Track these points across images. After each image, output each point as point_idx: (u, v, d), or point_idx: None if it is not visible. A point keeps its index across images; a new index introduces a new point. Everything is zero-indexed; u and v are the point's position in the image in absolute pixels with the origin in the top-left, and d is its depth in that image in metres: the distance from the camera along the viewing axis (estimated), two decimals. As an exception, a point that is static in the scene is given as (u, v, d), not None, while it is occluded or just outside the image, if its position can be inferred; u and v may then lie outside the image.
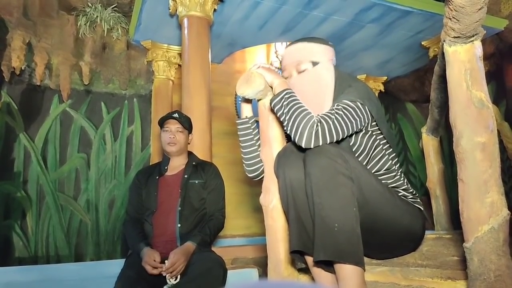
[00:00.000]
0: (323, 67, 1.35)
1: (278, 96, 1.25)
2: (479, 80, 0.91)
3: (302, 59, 1.36)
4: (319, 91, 1.33)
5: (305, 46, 1.38)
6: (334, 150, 1.12)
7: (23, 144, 3.46)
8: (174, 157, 2.09)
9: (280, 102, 1.24)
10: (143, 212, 1.99)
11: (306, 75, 1.36)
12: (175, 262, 1.72)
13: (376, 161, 1.31)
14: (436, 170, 2.41)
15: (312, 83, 1.34)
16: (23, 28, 3.44)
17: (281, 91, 1.26)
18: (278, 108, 1.25)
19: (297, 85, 1.35)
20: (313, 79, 1.35)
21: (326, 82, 1.34)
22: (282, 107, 1.23)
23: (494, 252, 0.86)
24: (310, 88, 1.34)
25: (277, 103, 1.25)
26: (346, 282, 1.03)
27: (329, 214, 1.05)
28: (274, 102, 1.26)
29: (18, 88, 3.49)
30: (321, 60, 1.36)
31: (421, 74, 4.91)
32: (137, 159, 3.92)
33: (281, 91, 1.26)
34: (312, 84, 1.34)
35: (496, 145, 0.89)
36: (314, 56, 1.36)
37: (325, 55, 1.38)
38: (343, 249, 1.02)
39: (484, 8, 0.83)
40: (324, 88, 1.33)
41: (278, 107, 1.24)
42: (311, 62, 1.36)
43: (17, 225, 3.32)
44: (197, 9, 3.02)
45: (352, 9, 3.44)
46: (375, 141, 1.31)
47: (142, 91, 4.07)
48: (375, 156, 1.31)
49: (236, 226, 3.97)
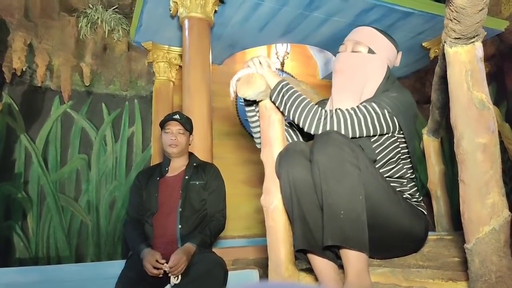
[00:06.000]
0: (377, 59, 1.36)
1: (276, 89, 1.28)
2: (480, 81, 0.91)
3: (362, 41, 1.37)
4: (359, 77, 1.35)
5: (371, 32, 1.40)
6: (342, 139, 1.13)
7: (24, 145, 3.46)
8: (175, 158, 2.09)
9: (279, 94, 1.27)
10: (143, 213, 1.99)
11: (356, 56, 1.37)
12: (178, 262, 1.72)
13: (391, 167, 1.32)
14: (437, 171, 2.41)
15: (358, 66, 1.36)
16: (24, 29, 3.44)
17: (277, 84, 1.28)
18: (279, 101, 1.27)
19: (343, 61, 1.38)
20: (360, 63, 1.36)
21: (371, 73, 1.35)
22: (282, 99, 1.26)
23: (495, 253, 0.85)
24: (354, 70, 1.36)
25: (276, 96, 1.27)
26: (350, 267, 1.06)
27: (335, 201, 1.07)
28: (273, 96, 1.29)
29: (19, 89, 3.50)
30: (378, 52, 1.37)
31: (422, 75, 4.91)
32: (137, 160, 3.92)
33: (277, 84, 1.28)
34: (357, 67, 1.36)
35: (497, 146, 0.89)
36: (373, 45, 1.37)
37: (385, 51, 1.38)
38: (348, 235, 1.04)
39: (485, 9, 0.83)
40: (365, 77, 1.34)
41: (279, 100, 1.27)
42: (368, 48, 1.36)
43: (17, 226, 3.32)
44: (198, 10, 3.02)
45: (353, 11, 3.45)
46: (396, 148, 1.32)
47: (143, 92, 4.07)
48: (391, 161, 1.32)
49: (237, 227, 3.97)
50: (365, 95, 1.35)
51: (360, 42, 1.38)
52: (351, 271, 1.06)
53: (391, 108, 1.25)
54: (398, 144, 1.32)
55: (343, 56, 1.40)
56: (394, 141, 1.32)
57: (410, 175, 1.36)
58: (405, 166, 1.34)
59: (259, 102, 1.40)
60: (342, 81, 1.38)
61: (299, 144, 1.27)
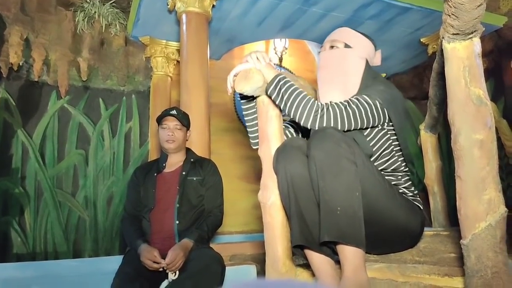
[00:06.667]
0: (353, 53, 1.42)
1: (273, 83, 1.28)
2: (477, 77, 0.90)
3: (338, 39, 1.46)
4: (340, 70, 1.41)
5: (346, 30, 1.49)
6: (339, 135, 1.14)
7: (21, 140, 3.45)
8: (172, 154, 2.09)
9: (276, 87, 1.27)
10: (141, 208, 1.99)
11: (334, 52, 1.44)
12: (175, 258, 1.72)
13: (385, 160, 1.33)
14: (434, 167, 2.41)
15: (338, 61, 1.42)
16: (21, 24, 3.42)
17: (274, 77, 1.29)
18: (275, 94, 1.27)
19: (324, 58, 1.46)
20: (339, 58, 1.43)
21: (350, 65, 1.40)
22: (279, 92, 1.26)
23: (491, 249, 0.86)
24: (334, 65, 1.42)
25: (273, 90, 1.28)
26: (347, 262, 1.07)
27: (332, 197, 1.08)
28: (270, 89, 1.29)
29: (16, 84, 3.48)
30: (354, 46, 1.43)
31: (420, 71, 4.91)
32: (135, 156, 3.91)
33: (274, 77, 1.29)
34: (337, 62, 1.42)
35: (494, 142, 0.89)
36: (349, 40, 1.44)
37: (361, 46, 1.45)
38: (345, 231, 1.05)
39: (483, 5, 0.82)
40: (345, 69, 1.40)
41: (276, 94, 1.27)
42: (344, 43, 1.44)
43: (15, 222, 3.32)
44: (195, 5, 3.01)
45: (351, 6, 3.44)
46: (388, 140, 1.34)
47: (140, 87, 4.05)
48: (384, 153, 1.33)
49: (234, 223, 3.97)
50: (350, 90, 1.38)
51: (336, 40, 1.46)
52: (347, 267, 1.06)
53: (382, 100, 1.28)
54: (389, 137, 1.34)
55: (323, 54, 1.48)
56: (385, 134, 1.34)
57: (404, 168, 1.37)
58: (399, 159, 1.36)
59: (256, 98, 1.39)
60: (325, 75, 1.44)
61: (297, 140, 1.28)
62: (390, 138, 1.35)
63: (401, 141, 1.36)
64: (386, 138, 1.34)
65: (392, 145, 1.35)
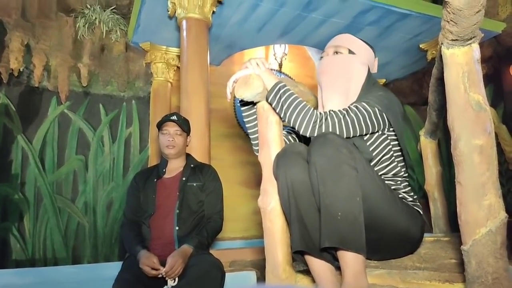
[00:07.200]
0: (357, 59, 1.43)
1: (273, 91, 1.28)
2: (476, 82, 0.91)
3: (342, 45, 1.46)
4: (343, 76, 1.41)
5: (349, 36, 1.49)
6: (339, 141, 1.14)
7: (21, 146, 3.45)
8: (172, 159, 2.09)
9: (276, 95, 1.27)
10: (141, 214, 1.98)
11: (338, 57, 1.44)
12: (174, 264, 1.71)
13: (385, 165, 1.34)
14: (434, 172, 2.40)
15: (342, 67, 1.42)
16: (22, 30, 3.43)
17: (274, 85, 1.29)
18: (275, 102, 1.27)
19: (327, 63, 1.46)
20: (343, 64, 1.43)
21: (353, 72, 1.41)
22: (279, 100, 1.26)
23: (492, 255, 0.85)
24: (338, 69, 1.43)
25: (273, 98, 1.28)
26: (348, 268, 1.06)
27: (333, 203, 1.08)
28: (270, 97, 1.29)
29: (16, 90, 3.49)
30: (358, 53, 1.44)
31: (419, 77, 4.93)
32: (135, 161, 3.91)
33: (274, 85, 1.29)
34: (341, 68, 1.42)
35: (493, 148, 0.89)
36: (353, 47, 1.45)
37: (364, 53, 1.46)
38: (346, 236, 1.05)
39: (482, 11, 0.83)
40: (349, 76, 1.41)
41: (276, 102, 1.27)
42: (348, 49, 1.44)
43: (14, 228, 3.31)
44: (195, 11, 3.02)
45: (351, 12, 3.45)
46: (388, 145, 1.34)
47: (140, 93, 4.06)
48: (384, 158, 1.34)
49: (234, 229, 3.96)
50: (351, 96, 1.39)
51: (340, 45, 1.46)
52: (348, 273, 1.06)
53: (380, 106, 1.28)
54: (389, 142, 1.35)
55: (326, 59, 1.48)
56: (385, 139, 1.34)
57: (403, 173, 1.38)
58: (399, 164, 1.36)
59: (256, 104, 1.40)
60: (328, 80, 1.44)
61: (297, 146, 1.27)
62: (390, 143, 1.35)
63: (402, 145, 1.36)
64: (386, 143, 1.34)
65: (392, 150, 1.35)
